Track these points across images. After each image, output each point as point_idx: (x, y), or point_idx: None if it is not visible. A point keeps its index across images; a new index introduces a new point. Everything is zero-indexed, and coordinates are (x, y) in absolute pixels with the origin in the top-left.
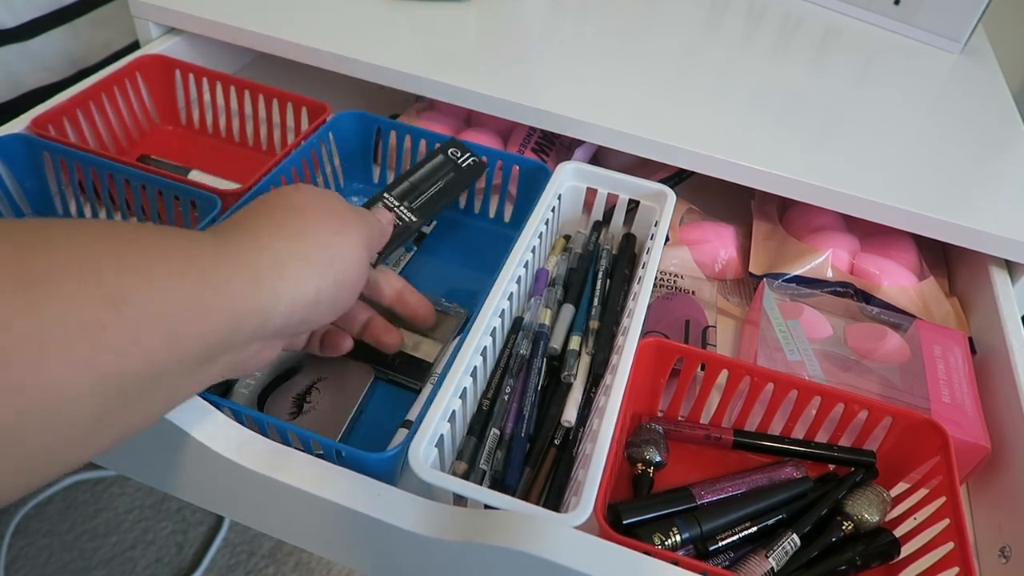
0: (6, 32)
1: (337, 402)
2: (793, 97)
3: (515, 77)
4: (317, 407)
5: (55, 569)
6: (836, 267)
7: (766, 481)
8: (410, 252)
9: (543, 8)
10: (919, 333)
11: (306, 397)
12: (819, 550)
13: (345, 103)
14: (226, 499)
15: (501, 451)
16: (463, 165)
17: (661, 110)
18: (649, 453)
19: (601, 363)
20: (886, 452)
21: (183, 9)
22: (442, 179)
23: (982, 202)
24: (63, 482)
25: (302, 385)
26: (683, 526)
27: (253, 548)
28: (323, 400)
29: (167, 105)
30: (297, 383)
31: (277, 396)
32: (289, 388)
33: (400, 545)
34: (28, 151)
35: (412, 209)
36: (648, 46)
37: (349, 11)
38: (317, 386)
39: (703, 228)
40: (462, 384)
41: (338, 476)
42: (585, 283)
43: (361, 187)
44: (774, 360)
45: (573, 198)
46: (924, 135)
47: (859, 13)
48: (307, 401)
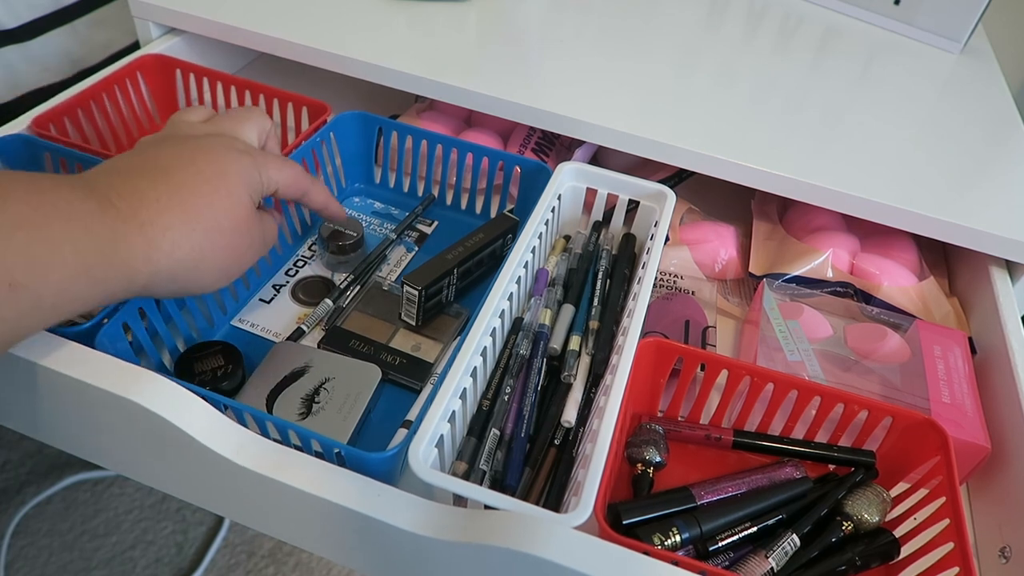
0: (6, 33)
1: (346, 402)
2: (793, 97)
3: (515, 77)
4: (326, 408)
5: (55, 569)
6: (836, 267)
7: (766, 481)
8: (411, 252)
9: (543, 8)
10: (919, 333)
11: (315, 398)
12: (819, 550)
13: (345, 103)
14: (226, 499)
15: (501, 451)
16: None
17: (661, 110)
18: (649, 453)
19: (601, 363)
20: (886, 452)
21: (183, 9)
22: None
23: (982, 202)
24: (63, 482)
25: (310, 386)
26: (683, 526)
27: (253, 548)
28: (332, 401)
29: (168, 105)
30: (305, 384)
31: (285, 397)
32: (297, 389)
33: (400, 545)
34: (28, 151)
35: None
36: (648, 46)
37: (349, 11)
38: (325, 387)
39: (703, 228)
40: (462, 384)
41: (338, 476)
42: (585, 283)
43: (362, 187)
44: (774, 360)
45: (573, 198)
46: (924, 135)
47: (859, 13)
48: (316, 402)
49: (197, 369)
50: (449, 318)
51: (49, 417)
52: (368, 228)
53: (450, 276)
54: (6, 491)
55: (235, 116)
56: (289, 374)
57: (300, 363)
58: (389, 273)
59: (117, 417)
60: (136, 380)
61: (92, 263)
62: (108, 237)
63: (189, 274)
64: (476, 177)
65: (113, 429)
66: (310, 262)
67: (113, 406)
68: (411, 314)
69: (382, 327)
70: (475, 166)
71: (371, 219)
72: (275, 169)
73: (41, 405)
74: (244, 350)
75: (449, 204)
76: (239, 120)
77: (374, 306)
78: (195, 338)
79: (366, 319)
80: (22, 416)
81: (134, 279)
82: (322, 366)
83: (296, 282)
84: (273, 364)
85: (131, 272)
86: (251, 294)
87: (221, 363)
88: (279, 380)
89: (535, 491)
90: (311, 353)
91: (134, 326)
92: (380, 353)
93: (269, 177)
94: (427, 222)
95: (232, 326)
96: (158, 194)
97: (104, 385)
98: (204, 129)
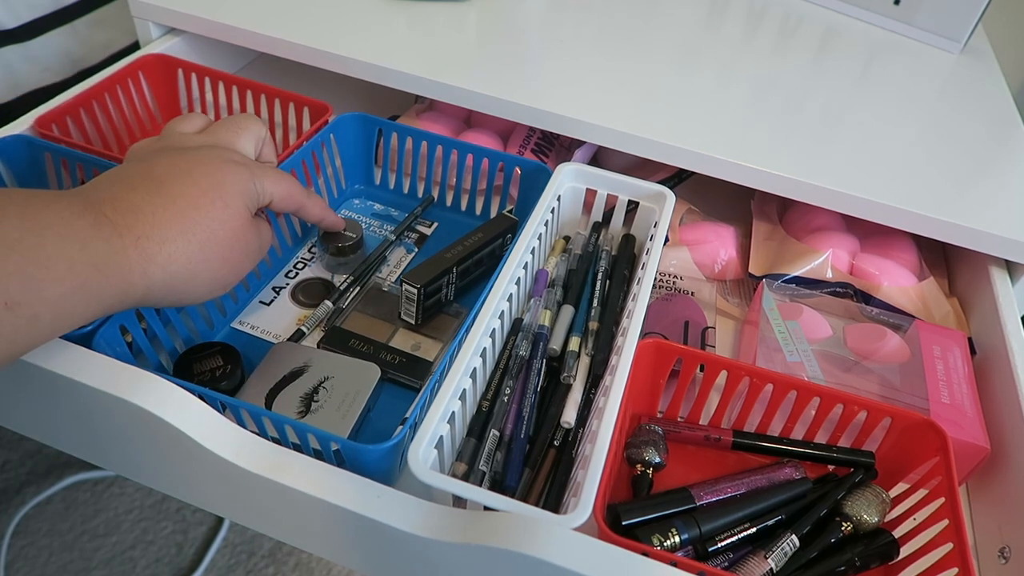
0: (6, 33)
1: (345, 401)
2: (793, 97)
3: (515, 77)
4: (325, 406)
5: (55, 569)
6: (836, 267)
7: (765, 482)
8: (411, 253)
9: (543, 8)
10: (919, 333)
11: (314, 396)
12: (818, 551)
13: (345, 103)
14: (225, 500)
15: (500, 452)
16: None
17: (661, 110)
18: (648, 454)
19: (600, 364)
20: (885, 453)
21: (183, 9)
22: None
23: (982, 202)
24: (63, 482)
25: (309, 384)
26: (682, 527)
27: (253, 548)
28: (331, 399)
29: (169, 105)
30: (304, 383)
31: (284, 396)
32: (297, 388)
33: (399, 547)
34: (30, 152)
35: (458, 288)
36: (648, 46)
37: (349, 11)
38: (324, 385)
39: (703, 228)
40: (461, 385)
41: (338, 478)
42: (584, 284)
43: (362, 189)
44: (773, 361)
45: (573, 199)
46: (924, 135)
47: (859, 13)
48: (315, 400)
49: (196, 370)
50: (448, 317)
51: (48, 418)
52: (368, 229)
53: (449, 275)
54: (6, 491)
55: (231, 126)
56: (288, 374)
57: (299, 363)
58: (389, 274)
59: (116, 418)
60: (134, 381)
61: (88, 279)
62: (104, 253)
63: (185, 285)
64: (476, 178)
65: (112, 430)
66: (310, 264)
67: (111, 407)
68: (410, 313)
69: (382, 327)
70: (475, 167)
71: (371, 220)
72: (271, 182)
73: (40, 406)
74: (244, 352)
75: (449, 205)
76: (235, 130)
77: (374, 307)
78: (194, 340)
79: (366, 319)
80: (22, 417)
81: (130, 292)
82: (321, 365)
83: (296, 284)
84: (272, 364)
85: (127, 286)
86: (251, 296)
87: (220, 363)
88: (278, 380)
89: (535, 492)
90: (310, 353)
91: (132, 329)
92: (380, 352)
93: (264, 189)
94: (427, 223)
95: (232, 328)
96: (154, 207)
97: (102, 386)
98: (199, 140)
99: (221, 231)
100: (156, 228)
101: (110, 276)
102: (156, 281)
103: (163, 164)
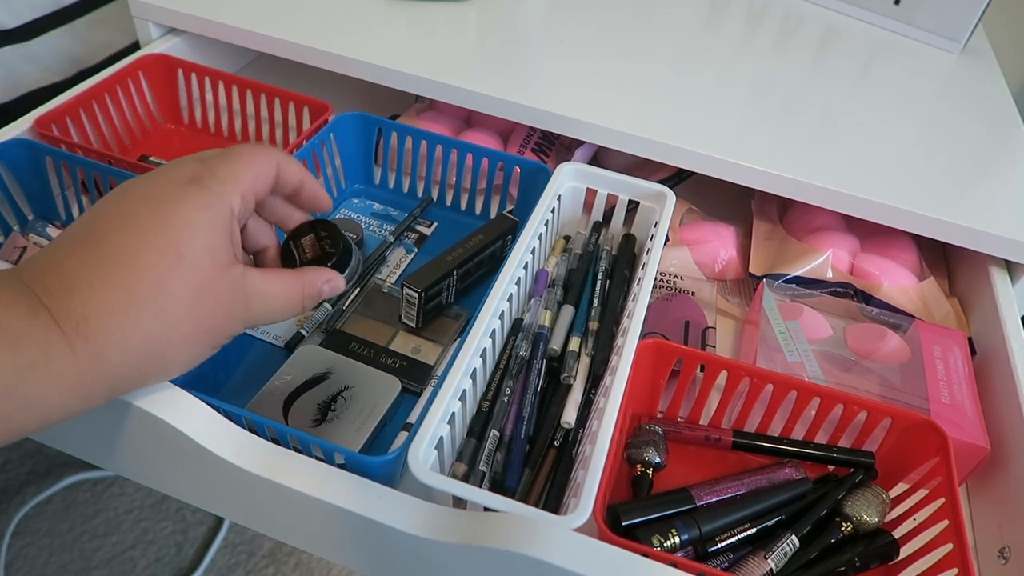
0: (6, 33)
1: (361, 412)
2: (793, 97)
3: (515, 77)
4: (341, 416)
5: (55, 569)
6: (836, 267)
7: (765, 482)
8: (410, 254)
9: (543, 8)
10: (919, 333)
11: (331, 405)
12: (818, 551)
13: (345, 103)
14: (225, 501)
15: (501, 453)
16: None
17: (661, 110)
18: (648, 454)
19: (601, 364)
20: (885, 453)
21: (183, 9)
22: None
23: (982, 202)
24: (63, 482)
25: (328, 392)
26: (682, 528)
27: (253, 548)
28: (348, 410)
29: (170, 104)
30: (323, 390)
31: (302, 403)
32: (315, 395)
33: (400, 547)
34: (30, 156)
35: (458, 290)
36: (648, 46)
37: (349, 11)
38: (343, 395)
39: (703, 228)
40: (461, 386)
41: (338, 479)
42: (585, 284)
43: (362, 188)
44: (773, 361)
45: (573, 199)
46: (924, 135)
47: (859, 13)
48: (332, 409)
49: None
50: (449, 320)
51: None
52: (368, 229)
53: (450, 278)
54: (6, 491)
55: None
56: (310, 379)
57: (322, 368)
58: (389, 275)
59: (116, 419)
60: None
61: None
62: (40, 348)
63: (156, 361)
64: (476, 178)
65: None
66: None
67: (111, 408)
68: (411, 316)
69: (382, 329)
70: (475, 167)
71: (370, 220)
72: (247, 165)
73: None
74: (242, 354)
75: (449, 205)
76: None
77: (374, 308)
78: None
79: (366, 322)
80: None
81: (91, 386)
82: (343, 373)
83: None
84: (294, 367)
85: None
86: None
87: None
88: (298, 385)
89: (535, 492)
90: (333, 360)
91: None
92: (380, 355)
93: (239, 189)
94: (426, 223)
95: None
96: (91, 278)
97: None
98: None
99: (178, 289)
100: (95, 303)
101: (56, 373)
102: (118, 364)
103: (108, 208)
